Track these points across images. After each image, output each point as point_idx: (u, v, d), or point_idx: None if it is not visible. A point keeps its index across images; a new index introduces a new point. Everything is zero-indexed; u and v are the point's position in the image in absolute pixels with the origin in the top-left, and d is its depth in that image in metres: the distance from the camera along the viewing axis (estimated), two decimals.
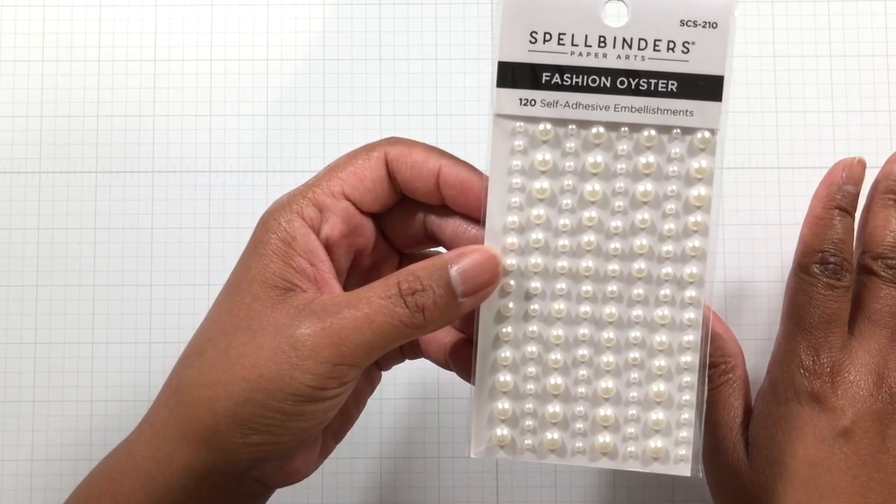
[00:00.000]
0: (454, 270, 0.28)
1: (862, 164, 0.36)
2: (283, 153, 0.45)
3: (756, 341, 0.44)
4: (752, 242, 0.44)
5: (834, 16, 0.46)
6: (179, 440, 0.28)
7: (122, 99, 0.45)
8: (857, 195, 0.36)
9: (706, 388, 0.30)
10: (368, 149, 0.31)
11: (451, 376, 0.44)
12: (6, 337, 0.44)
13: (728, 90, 0.28)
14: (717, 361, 0.37)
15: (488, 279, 0.29)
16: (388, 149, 0.30)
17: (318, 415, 0.28)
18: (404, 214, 0.32)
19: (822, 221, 0.35)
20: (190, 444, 0.28)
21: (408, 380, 0.44)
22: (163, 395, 0.30)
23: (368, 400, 0.35)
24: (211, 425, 0.28)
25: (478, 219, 0.30)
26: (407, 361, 0.36)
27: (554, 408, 0.30)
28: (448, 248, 0.31)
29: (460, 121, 0.45)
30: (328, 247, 0.30)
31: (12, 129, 0.45)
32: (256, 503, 0.32)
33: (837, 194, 0.35)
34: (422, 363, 0.45)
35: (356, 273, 0.33)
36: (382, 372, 0.35)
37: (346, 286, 0.31)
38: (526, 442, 0.30)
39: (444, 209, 0.31)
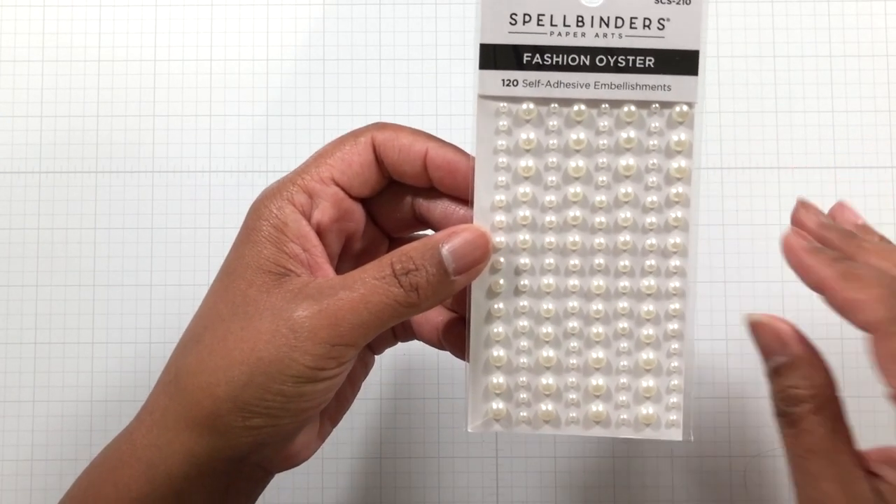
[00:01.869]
0: (445, 249, 0.29)
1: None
2: (283, 153, 0.45)
3: None
4: (752, 242, 0.44)
5: (834, 16, 0.46)
6: (180, 427, 0.29)
7: (122, 99, 0.45)
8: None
9: (694, 352, 0.31)
10: (355, 134, 0.31)
11: (451, 377, 0.44)
12: (6, 337, 0.44)
13: (703, 64, 0.29)
14: (797, 400, 0.28)
15: (479, 256, 0.29)
16: (374, 133, 0.31)
17: (317, 395, 0.29)
18: (393, 198, 0.32)
19: (850, 272, 0.28)
20: (191, 431, 0.28)
21: (408, 380, 0.44)
22: (161, 384, 0.30)
23: (368, 399, 0.35)
24: (212, 411, 0.28)
25: (466, 199, 0.30)
26: (407, 362, 0.36)
27: (547, 380, 0.31)
28: (437, 229, 0.32)
29: (460, 121, 0.45)
30: (319, 232, 0.31)
31: (12, 129, 0.45)
32: (257, 488, 0.32)
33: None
34: (422, 363, 0.45)
35: (347, 257, 0.33)
36: (375, 356, 0.36)
37: (338, 270, 0.32)
38: (521, 414, 0.31)
39: (432, 192, 0.32)
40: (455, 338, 0.33)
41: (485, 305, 0.30)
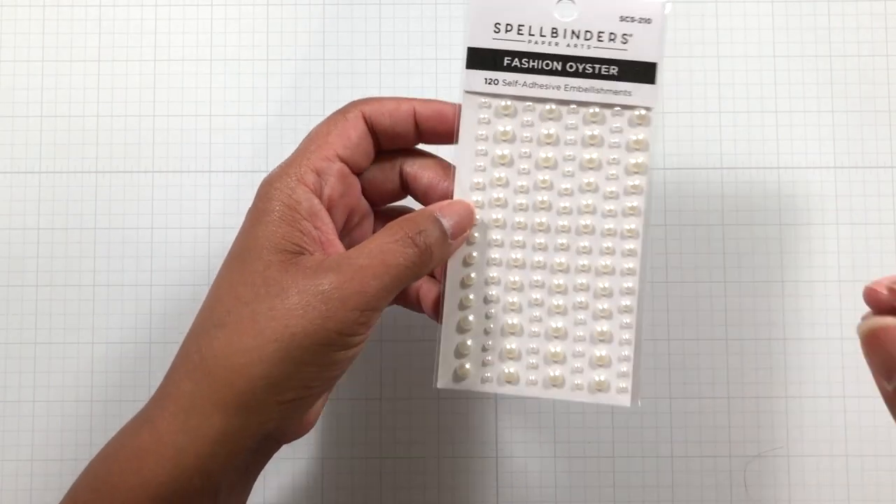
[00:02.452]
0: (443, 217, 0.32)
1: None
2: (282, 153, 0.45)
3: (756, 341, 0.44)
4: (751, 242, 0.44)
5: (834, 16, 0.46)
6: (210, 409, 0.29)
7: (122, 99, 0.45)
8: None
9: (643, 327, 0.34)
10: (343, 112, 0.34)
11: None
12: (6, 337, 0.44)
13: (661, 75, 0.33)
14: None
15: (467, 224, 0.33)
16: (361, 107, 0.34)
17: (347, 362, 0.31)
18: (382, 170, 0.35)
19: None
20: (223, 412, 0.29)
21: (408, 380, 0.44)
22: (182, 370, 0.30)
23: (368, 399, 0.38)
24: (246, 390, 0.29)
25: (451, 141, 0.34)
26: (407, 362, 0.36)
27: (510, 344, 0.34)
28: (421, 198, 0.35)
29: None
30: (329, 208, 0.32)
31: (12, 129, 0.45)
32: (265, 462, 0.33)
33: None
34: (421, 362, 0.45)
35: (345, 232, 0.35)
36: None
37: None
38: (486, 374, 0.34)
39: (418, 159, 0.35)
40: (432, 302, 0.35)
41: (459, 273, 0.34)
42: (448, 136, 0.34)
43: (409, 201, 0.37)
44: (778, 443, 0.44)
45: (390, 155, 0.35)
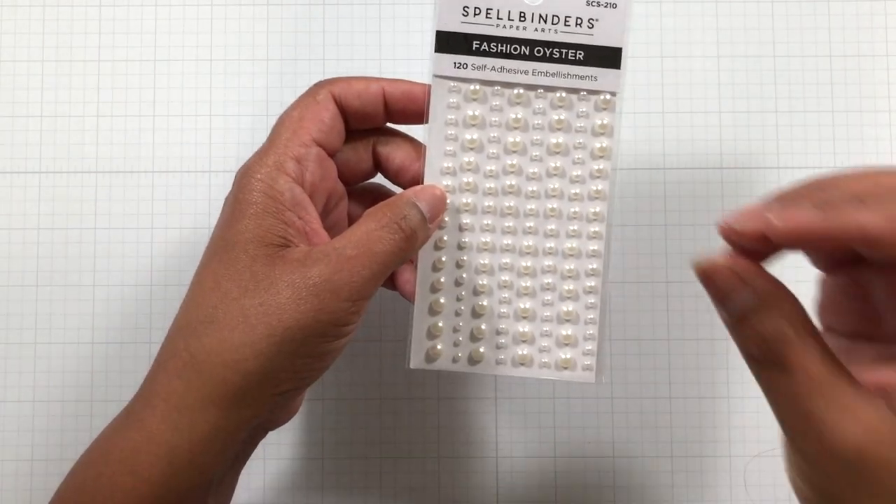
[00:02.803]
0: (419, 202, 0.32)
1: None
2: None
3: None
4: None
5: (834, 16, 0.46)
6: (204, 406, 0.29)
7: (122, 99, 0.45)
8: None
9: (608, 307, 0.34)
10: (312, 94, 0.33)
11: (451, 377, 0.44)
12: (6, 337, 0.44)
13: (626, 60, 0.33)
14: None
15: (441, 208, 0.34)
16: (329, 88, 0.33)
17: (339, 351, 0.31)
18: (356, 150, 0.35)
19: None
20: (217, 408, 0.29)
21: (408, 380, 0.44)
22: (171, 369, 0.30)
23: (368, 399, 0.38)
24: (241, 385, 0.29)
25: (421, 121, 0.34)
26: (406, 362, 0.36)
27: (481, 325, 0.35)
28: (393, 177, 0.36)
29: None
30: (310, 195, 0.32)
31: (12, 129, 0.45)
32: (252, 449, 0.34)
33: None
34: None
35: (323, 215, 0.34)
36: None
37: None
38: (457, 354, 0.35)
39: (390, 138, 0.35)
40: (406, 284, 0.36)
41: (431, 257, 0.35)
42: (417, 116, 0.34)
43: (380, 178, 0.37)
44: (778, 443, 0.44)
45: (362, 135, 0.35)
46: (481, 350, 0.35)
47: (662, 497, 0.43)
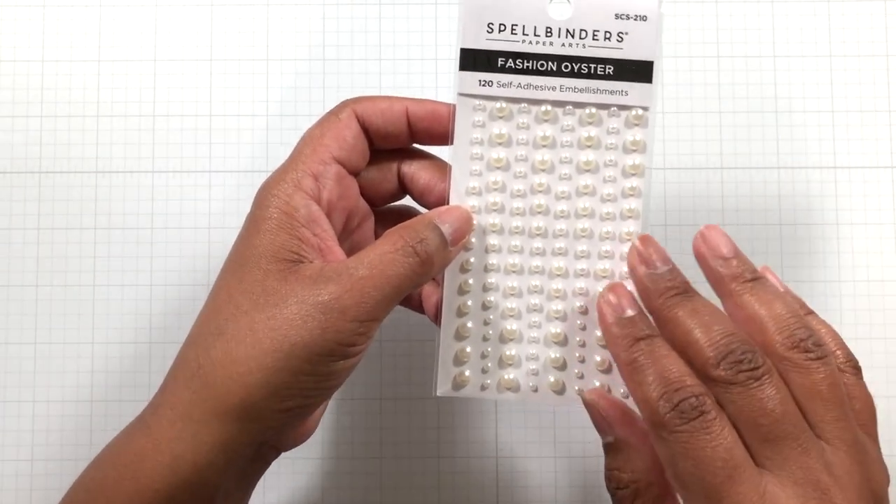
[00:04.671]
0: (442, 224, 0.32)
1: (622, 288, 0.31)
2: (282, 153, 0.45)
3: None
4: (751, 242, 0.44)
5: (834, 16, 0.46)
6: (209, 418, 0.29)
7: (121, 99, 0.45)
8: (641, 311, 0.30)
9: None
10: (335, 112, 0.33)
11: None
12: (6, 337, 0.44)
13: (658, 74, 0.33)
14: (619, 483, 0.30)
15: (467, 230, 0.33)
16: (353, 106, 0.33)
17: (346, 371, 0.31)
18: (380, 170, 0.35)
19: (634, 366, 0.29)
20: (221, 421, 0.29)
21: (408, 379, 0.44)
22: (180, 378, 0.30)
23: (368, 399, 0.38)
24: (245, 399, 0.29)
25: (446, 142, 0.33)
26: (407, 362, 0.36)
27: (510, 350, 0.34)
28: (419, 198, 0.35)
29: None
30: (328, 212, 0.32)
31: (12, 129, 0.45)
32: (264, 469, 0.33)
33: (627, 326, 0.30)
34: (422, 363, 0.45)
35: (345, 235, 0.34)
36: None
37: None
38: (485, 381, 0.34)
39: (415, 157, 0.35)
40: (433, 306, 0.35)
41: (457, 280, 0.33)
42: (443, 137, 0.34)
43: (409, 200, 0.37)
44: None
45: (388, 155, 0.35)
46: (511, 376, 0.34)
47: None
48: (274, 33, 0.46)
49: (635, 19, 0.32)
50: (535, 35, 0.32)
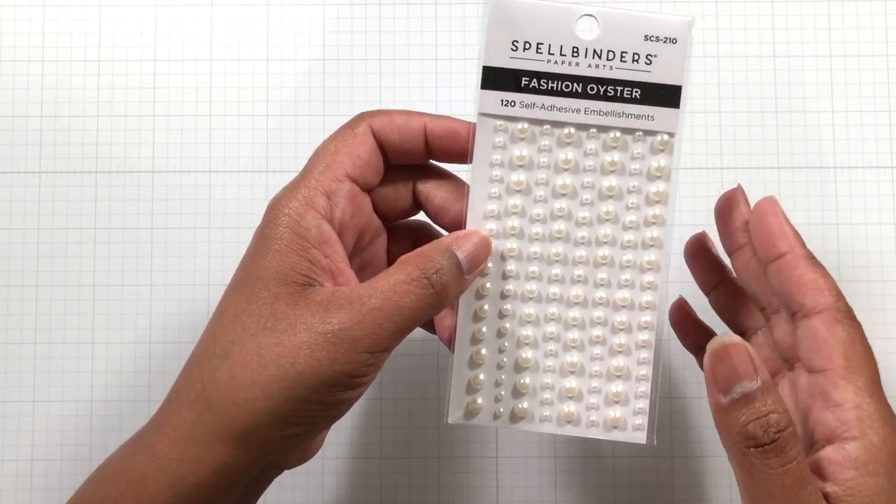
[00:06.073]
0: (458, 251, 0.30)
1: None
2: (283, 153, 0.45)
3: None
4: None
5: (834, 16, 0.46)
6: (212, 441, 0.29)
7: (122, 99, 0.45)
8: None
9: (661, 362, 0.33)
10: (351, 126, 0.32)
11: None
12: (6, 337, 0.44)
13: (686, 99, 0.31)
14: (780, 425, 0.28)
15: (484, 257, 0.32)
16: (370, 121, 0.32)
17: (353, 400, 0.30)
18: (395, 187, 0.33)
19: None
20: (225, 445, 0.29)
21: (408, 379, 0.44)
22: (184, 398, 0.30)
23: (368, 399, 0.37)
24: (249, 425, 0.28)
25: (464, 161, 0.32)
26: (407, 362, 0.36)
27: (524, 379, 0.33)
28: (434, 217, 0.34)
29: None
30: (340, 232, 0.31)
31: (12, 129, 0.45)
32: (266, 486, 0.33)
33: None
34: (422, 363, 0.45)
35: (356, 252, 0.33)
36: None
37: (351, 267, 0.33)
38: (498, 410, 0.33)
39: (431, 174, 0.34)
40: (447, 330, 0.34)
41: (472, 306, 0.33)
42: (461, 155, 0.32)
43: (423, 215, 0.35)
44: None
45: (403, 171, 0.33)
46: (524, 406, 0.33)
47: (663, 497, 0.43)
48: (274, 33, 0.46)
49: (665, 41, 0.31)
50: (560, 55, 0.31)
